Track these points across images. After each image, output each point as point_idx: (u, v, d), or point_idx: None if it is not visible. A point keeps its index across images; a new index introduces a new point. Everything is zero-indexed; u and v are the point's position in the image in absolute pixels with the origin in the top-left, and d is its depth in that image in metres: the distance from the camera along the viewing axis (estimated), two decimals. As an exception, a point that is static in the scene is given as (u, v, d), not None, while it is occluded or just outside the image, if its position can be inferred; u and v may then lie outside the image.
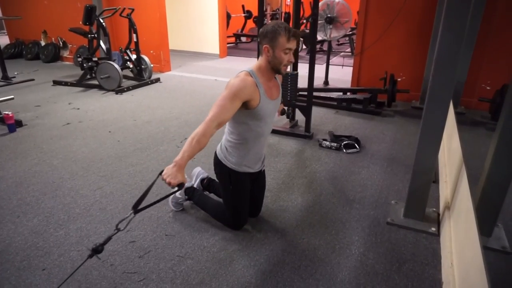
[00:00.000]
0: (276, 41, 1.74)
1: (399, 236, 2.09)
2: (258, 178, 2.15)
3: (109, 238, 1.42)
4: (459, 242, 1.72)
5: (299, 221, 2.24)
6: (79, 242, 2.03)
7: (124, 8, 5.44)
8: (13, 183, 2.68)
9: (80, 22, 5.29)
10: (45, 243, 2.02)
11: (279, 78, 2.04)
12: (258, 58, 1.90)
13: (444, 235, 2.00)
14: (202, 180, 2.43)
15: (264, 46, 1.78)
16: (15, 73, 6.15)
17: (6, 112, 3.60)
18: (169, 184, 1.51)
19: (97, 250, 1.41)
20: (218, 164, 2.02)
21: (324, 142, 3.33)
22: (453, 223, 1.95)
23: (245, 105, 1.77)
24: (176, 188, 1.54)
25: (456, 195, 2.03)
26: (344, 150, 3.23)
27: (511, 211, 2.27)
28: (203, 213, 2.30)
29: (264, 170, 2.20)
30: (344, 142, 3.27)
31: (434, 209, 2.30)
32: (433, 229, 2.11)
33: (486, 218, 1.91)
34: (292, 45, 1.77)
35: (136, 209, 1.45)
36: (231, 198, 2.07)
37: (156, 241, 2.05)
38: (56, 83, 5.60)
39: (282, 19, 10.32)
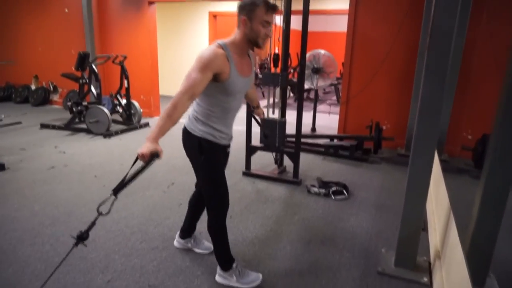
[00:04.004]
0: (254, 13, 1.71)
1: (391, 287, 2.04)
2: (224, 156, 2.03)
3: (93, 224, 1.42)
4: (452, 294, 1.68)
5: (288, 270, 2.17)
6: (55, 294, 1.91)
7: (117, 56, 5.59)
8: (-10, 229, 2.56)
9: (73, 68, 5.38)
10: (18, 295, 1.89)
11: (253, 57, 1.96)
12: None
13: (436, 286, 1.95)
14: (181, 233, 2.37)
15: (242, 18, 1.73)
16: (2, 115, 6.10)
17: (-11, 155, 3.53)
18: (142, 156, 1.50)
19: (82, 237, 1.40)
20: (186, 137, 1.89)
21: (313, 188, 3.32)
22: (445, 273, 1.91)
23: (215, 78, 1.71)
24: (152, 159, 1.51)
25: (446, 244, 2.01)
26: (333, 197, 3.22)
27: (501, 260, 2.25)
28: (189, 260, 2.22)
29: (229, 152, 2.07)
30: (333, 189, 3.27)
31: (425, 258, 2.26)
32: (425, 279, 2.07)
33: (478, 267, 1.89)
34: (270, 18, 1.74)
35: (116, 191, 1.47)
36: (206, 171, 1.89)
37: (138, 293, 1.94)
38: (43, 126, 5.57)
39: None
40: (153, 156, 1.51)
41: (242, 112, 2.24)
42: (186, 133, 1.89)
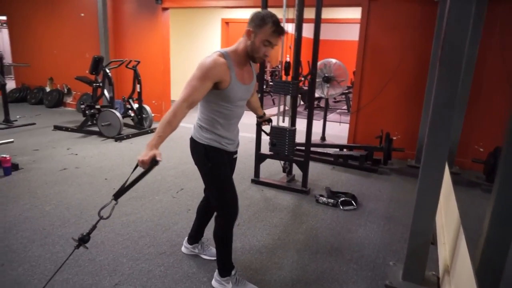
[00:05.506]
0: (260, 29, 1.71)
1: (398, 300, 2.01)
2: (231, 162, 2.03)
3: (94, 227, 1.45)
4: (461, 310, 1.65)
5: (295, 281, 2.16)
6: (63, 295, 1.93)
7: (131, 60, 5.67)
8: (2, 229, 2.60)
9: (87, 72, 5.48)
10: (28, 295, 1.92)
11: (254, 65, 1.96)
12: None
13: (444, 301, 1.93)
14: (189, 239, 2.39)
15: (248, 29, 1.74)
16: (18, 116, 6.24)
17: (4, 155, 3.60)
18: (142, 162, 1.53)
19: (83, 240, 1.43)
20: (193, 145, 1.91)
21: (321, 198, 3.31)
22: (454, 289, 1.89)
23: (216, 86, 1.73)
24: (153, 165, 1.53)
25: (455, 259, 1.99)
26: (341, 207, 3.21)
27: (512, 277, 2.21)
28: (196, 266, 2.23)
29: (236, 158, 2.08)
30: (341, 199, 3.25)
31: (434, 272, 2.23)
32: (433, 294, 2.04)
33: (488, 283, 1.85)
34: (274, 40, 1.75)
35: (116, 196, 1.49)
36: (213, 178, 1.90)
37: (145, 297, 1.95)
38: (56, 128, 5.67)
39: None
40: (153, 162, 1.53)
41: (251, 119, 2.26)
42: (192, 141, 1.93)
